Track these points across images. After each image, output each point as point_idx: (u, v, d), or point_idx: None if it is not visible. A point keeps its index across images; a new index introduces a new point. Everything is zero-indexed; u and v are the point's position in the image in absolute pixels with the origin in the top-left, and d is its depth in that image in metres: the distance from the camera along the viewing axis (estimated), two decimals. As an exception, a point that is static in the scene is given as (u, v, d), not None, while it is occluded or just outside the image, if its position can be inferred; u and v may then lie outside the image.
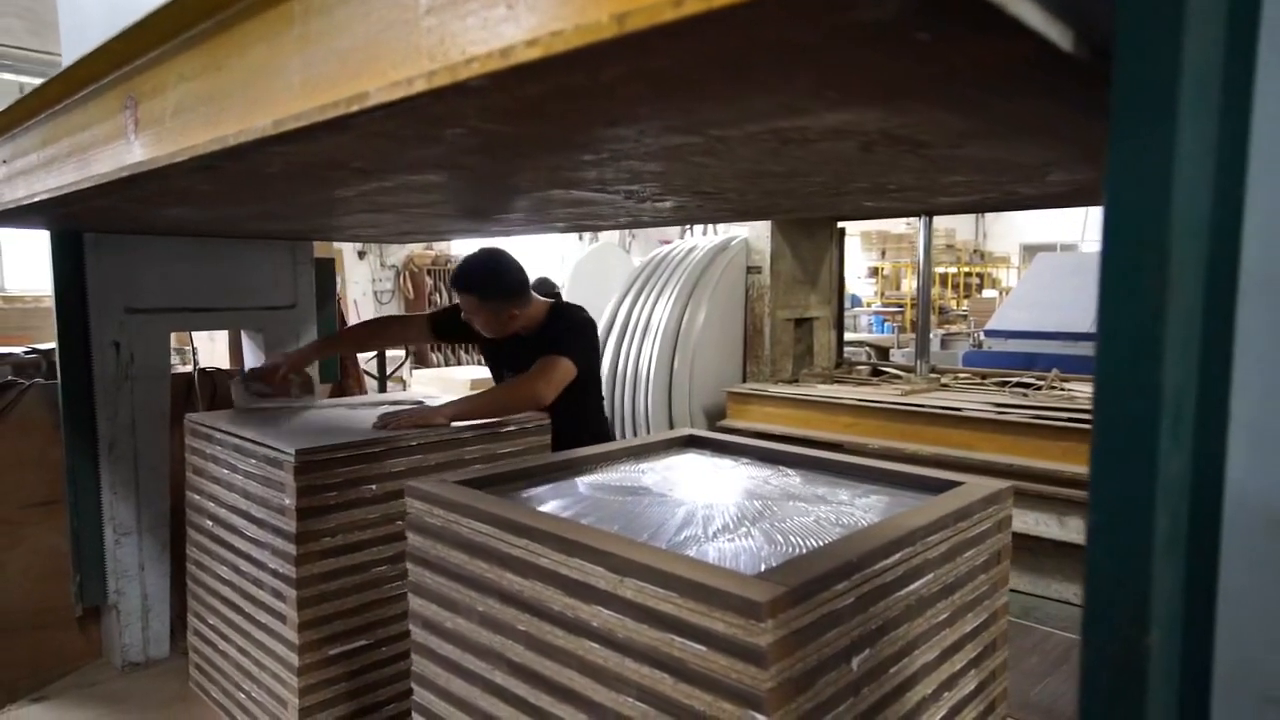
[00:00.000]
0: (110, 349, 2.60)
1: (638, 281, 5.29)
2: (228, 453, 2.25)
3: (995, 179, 1.38)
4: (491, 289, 2.42)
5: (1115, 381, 0.61)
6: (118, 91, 1.48)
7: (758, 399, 4.65)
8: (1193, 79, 0.60)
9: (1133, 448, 0.61)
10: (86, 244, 2.57)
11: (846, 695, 1.17)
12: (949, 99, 0.80)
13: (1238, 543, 0.66)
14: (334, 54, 0.95)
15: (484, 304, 2.41)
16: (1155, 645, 0.62)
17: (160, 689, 2.60)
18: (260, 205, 1.66)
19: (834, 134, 0.95)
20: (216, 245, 2.77)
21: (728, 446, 2.00)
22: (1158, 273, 0.59)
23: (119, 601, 2.71)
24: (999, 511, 1.52)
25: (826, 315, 5.38)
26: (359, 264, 9.94)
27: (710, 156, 1.10)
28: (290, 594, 2.01)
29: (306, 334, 2.99)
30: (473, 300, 2.42)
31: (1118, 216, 0.60)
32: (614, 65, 0.65)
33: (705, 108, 0.82)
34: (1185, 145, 0.59)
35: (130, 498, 2.68)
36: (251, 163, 1.14)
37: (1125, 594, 0.62)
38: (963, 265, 14.84)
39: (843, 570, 1.15)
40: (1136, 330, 0.60)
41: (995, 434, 3.76)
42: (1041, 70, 0.71)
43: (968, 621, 1.45)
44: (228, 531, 2.26)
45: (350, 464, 2.06)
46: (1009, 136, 1.00)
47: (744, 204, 1.73)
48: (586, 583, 1.22)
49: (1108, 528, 0.62)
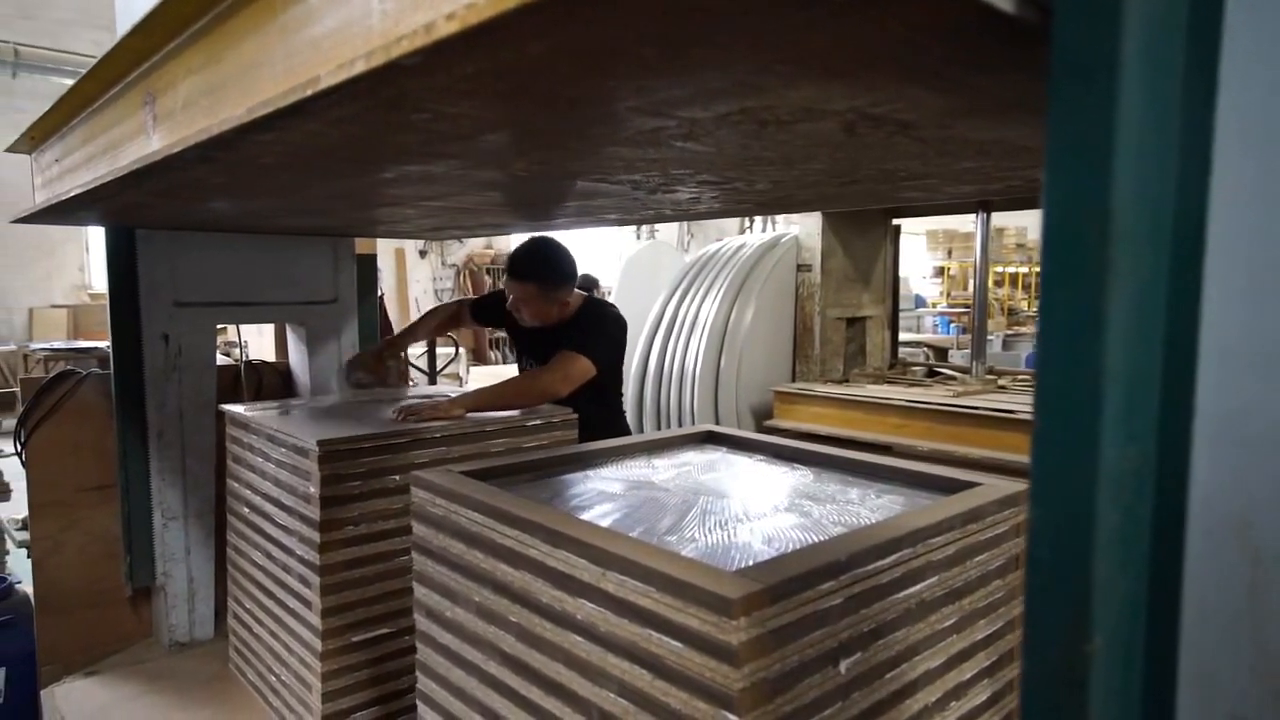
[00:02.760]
0: (160, 341, 2.71)
1: (686, 278, 5.26)
2: (261, 442, 2.31)
3: (1007, 164, 1.31)
4: (552, 277, 2.43)
5: (1053, 364, 0.57)
6: (139, 89, 1.53)
7: (805, 399, 4.57)
8: (1143, 35, 0.55)
9: (1071, 436, 0.56)
10: (139, 239, 2.68)
11: (834, 699, 1.12)
12: (908, 72, 0.76)
13: (1204, 546, 0.61)
14: (309, 42, 0.96)
15: (541, 292, 2.41)
16: (1098, 653, 0.57)
17: (203, 669, 2.69)
18: (275, 199, 1.70)
19: (806, 113, 0.91)
20: (260, 242, 2.85)
21: (745, 443, 1.96)
22: (1099, 246, 0.55)
23: (166, 583, 2.81)
24: (1016, 515, 1.45)
25: (880, 314, 5.25)
26: (420, 263, 10.16)
27: (693, 141, 1.08)
28: (315, 580, 2.05)
29: (347, 328, 3.05)
30: (530, 288, 2.41)
31: (1056, 183, 0.55)
32: (537, 38, 0.64)
33: (658, 85, 0.80)
34: (1133, 107, 0.54)
35: (177, 484, 2.78)
36: (242, 152, 1.16)
37: (1063, 596, 0.57)
38: (1034, 265, 14.33)
39: (829, 569, 1.10)
40: (1075, 308, 0.55)
41: (1051, 438, 3.60)
42: (992, 39, 0.66)
43: (979, 629, 1.38)
44: (262, 518, 2.33)
45: (373, 454, 2.09)
46: (999, 114, 0.95)
47: (758, 195, 1.69)
48: (572, 575, 1.21)
49: (1047, 522, 0.57)
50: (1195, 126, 0.59)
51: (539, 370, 2.36)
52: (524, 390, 2.34)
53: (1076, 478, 0.56)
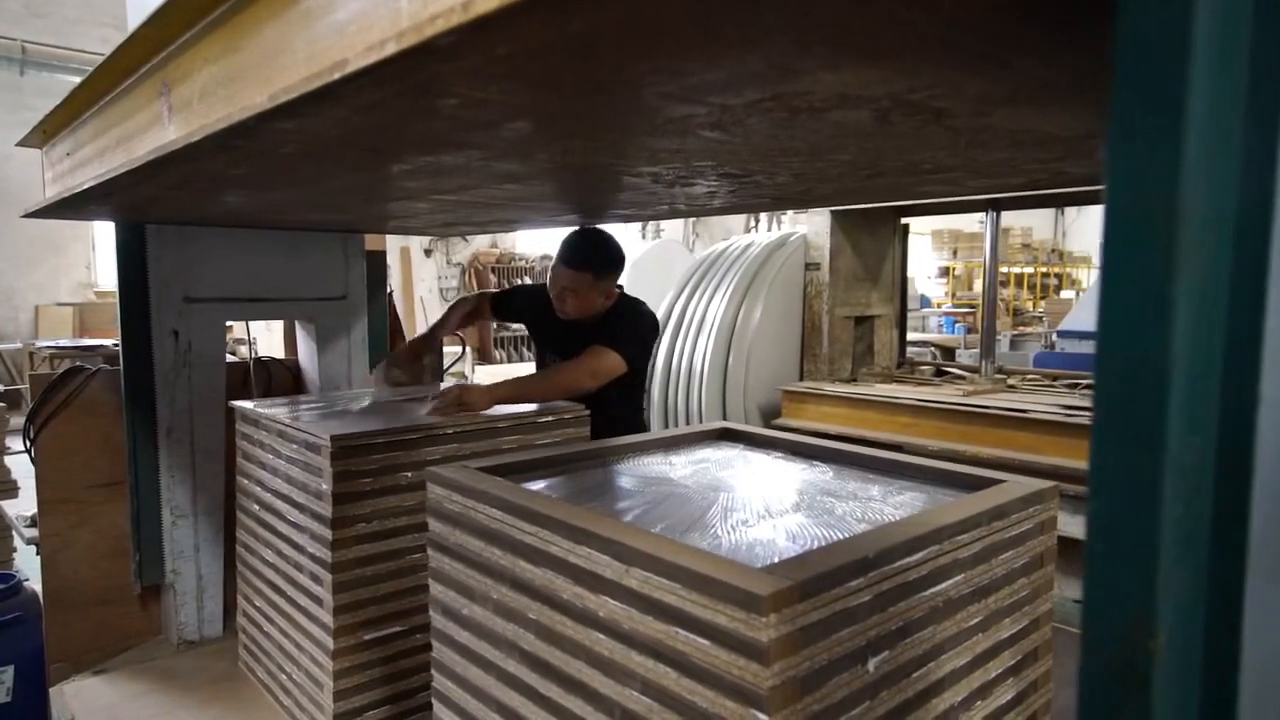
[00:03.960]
0: (170, 337, 2.69)
1: (694, 277, 5.24)
2: (272, 438, 2.29)
3: (1037, 155, 1.29)
4: (606, 266, 2.38)
5: (1117, 352, 0.55)
6: (155, 80, 1.52)
7: (814, 398, 4.55)
8: (1212, 13, 0.53)
9: (1136, 425, 0.54)
10: (149, 235, 2.67)
11: (862, 698, 1.10)
12: (952, 55, 0.74)
13: (1266, 538, 0.59)
14: (333, 28, 0.94)
15: (594, 281, 2.35)
16: (1161, 650, 0.55)
17: (212, 667, 2.67)
18: (293, 190, 1.68)
19: (841, 100, 0.89)
20: (270, 238, 2.84)
21: (761, 440, 1.94)
22: (1166, 230, 0.53)
23: (175, 581, 2.80)
24: (1041, 512, 1.43)
25: (888, 314, 5.23)
26: (425, 261, 10.15)
27: (721, 130, 1.06)
28: (326, 578, 2.04)
29: (357, 325, 3.04)
30: (586, 277, 2.34)
31: (1121, 162, 0.53)
32: (576, 14, 0.62)
33: (693, 68, 0.78)
34: (1202, 87, 0.52)
35: (186, 481, 2.77)
36: (263, 141, 1.14)
37: (1128, 592, 0.55)
38: (1040, 265, 14.30)
39: (858, 566, 1.09)
40: (1142, 291, 0.53)
41: (1063, 437, 3.58)
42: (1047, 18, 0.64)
43: (1004, 627, 1.36)
44: (272, 515, 2.31)
45: (386, 450, 2.08)
46: (1037, 103, 0.93)
47: (777, 188, 1.68)
48: (594, 571, 1.19)
49: (1108, 516, 0.56)
50: (1263, 109, 0.57)
51: (567, 363, 2.33)
52: (552, 383, 2.31)
53: (1141, 469, 0.54)
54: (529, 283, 10.60)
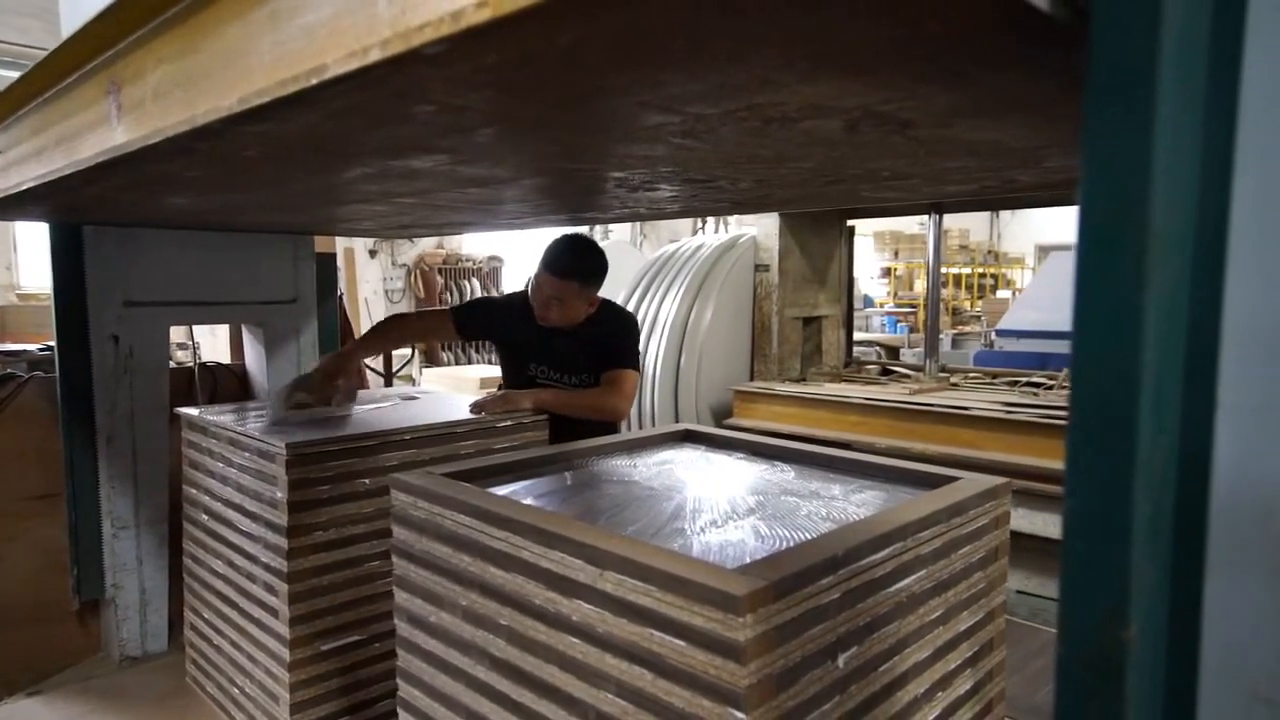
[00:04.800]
0: (109, 342, 2.60)
1: (645, 278, 5.27)
2: (222, 446, 2.23)
3: (991, 164, 1.34)
4: (593, 275, 2.35)
5: (1093, 357, 0.58)
6: (101, 78, 1.47)
7: (765, 397, 4.61)
8: (1176, 38, 0.56)
9: (1111, 428, 0.57)
10: (86, 236, 2.57)
11: (833, 693, 1.13)
12: (927, 70, 0.76)
13: (1226, 532, 0.63)
14: (302, 30, 0.93)
15: (581, 290, 2.33)
16: (1134, 640, 0.58)
17: (157, 683, 2.59)
18: (250, 194, 1.64)
19: (814, 110, 0.92)
20: (216, 239, 2.76)
21: (723, 441, 1.97)
22: (1138, 240, 0.56)
23: (117, 595, 2.71)
24: (996, 508, 1.48)
25: (835, 314, 5.33)
26: (370, 263, 9.96)
27: (692, 138, 1.07)
28: (282, 588, 1.99)
29: (307, 329, 2.98)
30: (572, 286, 2.31)
31: (1095, 180, 0.57)
32: (571, 26, 0.63)
33: (674, 79, 0.79)
34: (1168, 106, 0.56)
35: (128, 491, 2.68)
36: (227, 144, 1.12)
37: (1103, 586, 0.58)
38: (977, 266, 14.72)
39: (827, 565, 1.11)
40: (1116, 301, 0.56)
41: (1004, 433, 3.70)
42: (1019, 37, 0.67)
43: (962, 620, 1.41)
44: (222, 525, 2.25)
45: (342, 458, 2.05)
46: (999, 115, 0.97)
47: (739, 193, 1.70)
48: (567, 576, 1.20)
49: (1084, 515, 0.59)
50: (1218, 129, 0.61)
51: (604, 391, 2.35)
52: (593, 408, 2.37)
53: (1114, 470, 0.57)
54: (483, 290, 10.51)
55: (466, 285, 10.58)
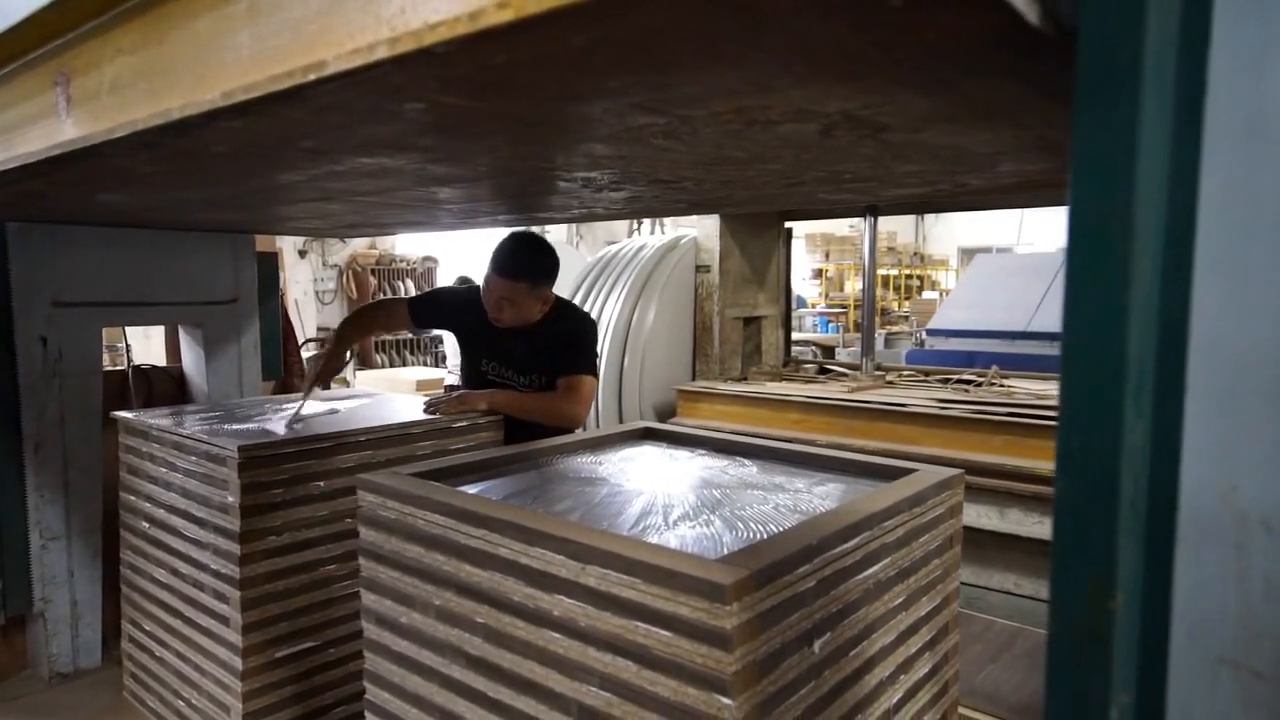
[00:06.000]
0: (37, 344, 2.48)
1: (588, 279, 5.27)
2: (165, 450, 2.16)
3: (948, 168, 1.40)
4: (543, 275, 2.31)
5: (1082, 348, 0.62)
6: (48, 68, 1.41)
7: (708, 397, 4.67)
8: (1155, 51, 0.61)
9: (1099, 414, 0.62)
10: (10, 234, 2.45)
11: (809, 678, 1.17)
12: (914, 77, 0.81)
13: (1192, 511, 0.68)
14: (287, 25, 0.92)
15: (532, 290, 2.28)
16: (1120, 609, 0.63)
17: (91, 700, 2.49)
18: (204, 190, 1.60)
19: (797, 115, 0.95)
20: (152, 237, 2.66)
21: (684, 438, 2.00)
22: (1123, 244, 0.61)
23: (46, 609, 2.58)
24: (951, 497, 1.55)
25: (774, 314, 5.43)
26: (300, 263, 9.69)
27: (673, 139, 1.10)
28: (234, 595, 1.94)
29: (249, 330, 2.89)
30: (523, 286, 2.26)
31: (1084, 186, 0.61)
32: (590, 28, 0.64)
33: (675, 82, 0.81)
34: (1149, 116, 0.61)
35: (59, 500, 2.56)
36: (197, 139, 1.09)
37: (1093, 558, 0.63)
38: (904, 267, 15.17)
39: (804, 554, 1.15)
40: (1103, 298, 0.61)
41: (939, 429, 3.84)
42: (1007, 49, 0.72)
43: (922, 605, 1.47)
44: (165, 533, 2.18)
45: (296, 460, 2.00)
46: (968, 121, 1.02)
47: (700, 194, 1.73)
48: (548, 571, 1.21)
49: (1075, 493, 0.63)
50: (1187, 136, 0.66)
51: (561, 397, 2.30)
52: (550, 412, 2.31)
53: (1104, 452, 0.62)
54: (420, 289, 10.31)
55: (401, 286, 10.39)
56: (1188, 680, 0.69)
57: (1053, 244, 13.54)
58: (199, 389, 2.89)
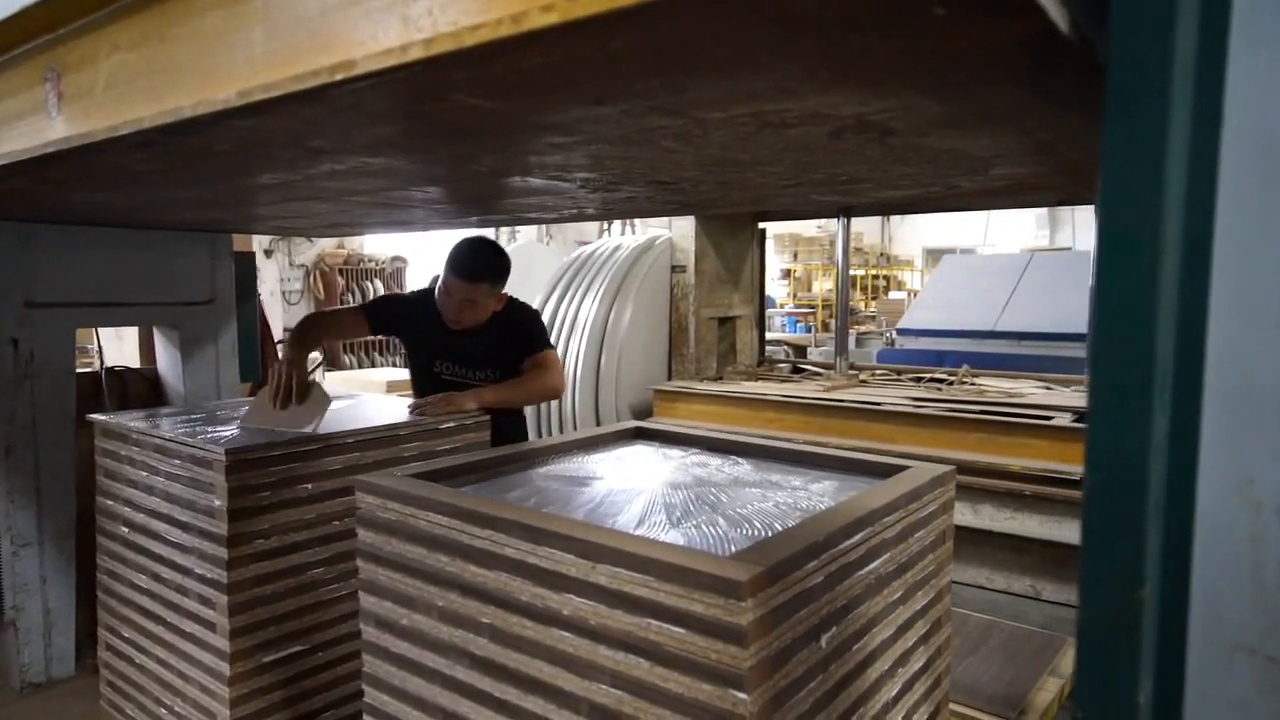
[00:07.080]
0: (8, 346, 2.42)
1: (563, 280, 5.26)
2: (146, 454, 2.12)
3: (945, 171, 1.43)
4: (501, 275, 2.42)
5: (1111, 349, 0.65)
6: (37, 63, 1.38)
7: (684, 396, 4.69)
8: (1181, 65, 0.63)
9: (1128, 412, 0.64)
10: (-20, 233, 2.38)
11: (817, 672, 1.19)
12: (931, 82, 0.82)
13: (1212, 500, 0.71)
14: (301, 24, 0.92)
15: (491, 291, 2.39)
16: (1148, 597, 0.65)
17: (66, 709, 2.43)
18: (195, 189, 1.57)
19: (811, 118, 0.97)
20: (127, 237, 2.61)
21: (676, 438, 2.01)
22: (1153, 246, 0.63)
23: (18, 618, 2.51)
24: (944, 494, 1.58)
25: (749, 314, 5.47)
26: (267, 263, 9.52)
27: (682, 141, 1.11)
28: (221, 600, 1.91)
29: (226, 331, 2.85)
30: (483, 288, 2.36)
31: (1114, 191, 0.63)
32: (631, 32, 0.65)
33: (697, 85, 0.82)
34: (1178, 125, 0.63)
35: (30, 506, 2.50)
36: (203, 138, 1.08)
37: (1122, 549, 0.65)
38: (870, 268, 15.36)
39: (812, 550, 1.17)
40: (1133, 299, 0.63)
41: (913, 427, 3.90)
42: (1025, 55, 0.74)
43: (918, 599, 1.50)
44: (146, 537, 2.14)
45: (284, 463, 1.98)
46: (974, 125, 1.04)
47: (696, 195, 1.75)
48: (557, 571, 1.21)
49: (1105, 486, 0.65)
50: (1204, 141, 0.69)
51: (539, 375, 2.43)
52: (534, 391, 2.47)
53: (1133, 447, 0.64)
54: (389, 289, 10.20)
55: (369, 286, 10.27)
56: (1205, 667, 0.72)
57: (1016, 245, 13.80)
58: (175, 391, 2.84)
